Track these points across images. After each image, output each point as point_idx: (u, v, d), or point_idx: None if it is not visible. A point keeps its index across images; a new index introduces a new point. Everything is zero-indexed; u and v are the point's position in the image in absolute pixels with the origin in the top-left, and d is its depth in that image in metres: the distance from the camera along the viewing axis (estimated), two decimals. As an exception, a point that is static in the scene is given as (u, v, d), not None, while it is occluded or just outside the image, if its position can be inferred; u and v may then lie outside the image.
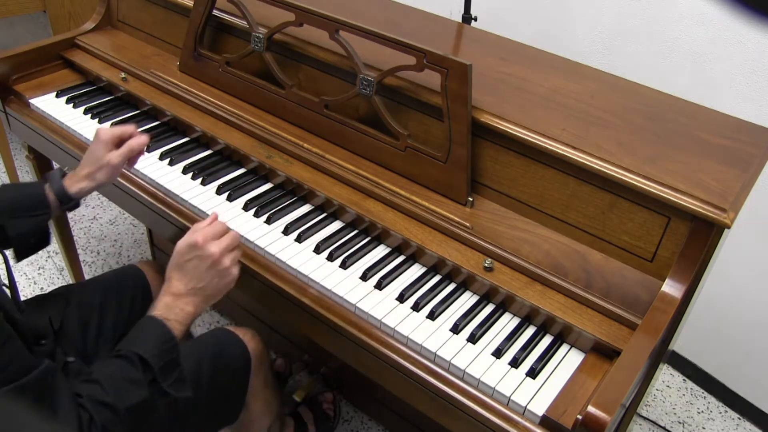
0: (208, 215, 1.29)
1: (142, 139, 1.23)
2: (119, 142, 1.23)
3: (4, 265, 1.14)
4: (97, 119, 1.56)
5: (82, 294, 1.32)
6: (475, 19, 1.85)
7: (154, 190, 1.38)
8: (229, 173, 1.42)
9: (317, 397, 1.82)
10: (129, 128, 1.24)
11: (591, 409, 0.85)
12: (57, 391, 0.86)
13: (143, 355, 0.94)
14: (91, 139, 1.48)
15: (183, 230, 1.32)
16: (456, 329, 1.08)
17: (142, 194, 1.38)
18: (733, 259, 1.81)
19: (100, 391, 0.91)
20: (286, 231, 1.25)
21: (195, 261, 1.03)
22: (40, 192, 1.17)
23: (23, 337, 0.99)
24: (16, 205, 1.13)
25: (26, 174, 2.70)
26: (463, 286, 1.18)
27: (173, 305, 1.01)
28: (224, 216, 1.28)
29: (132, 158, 1.26)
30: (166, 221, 1.35)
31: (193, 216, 1.32)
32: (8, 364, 0.81)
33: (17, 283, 1.22)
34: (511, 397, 0.98)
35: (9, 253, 1.18)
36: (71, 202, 1.20)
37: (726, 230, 1.00)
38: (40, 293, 2.18)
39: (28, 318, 1.21)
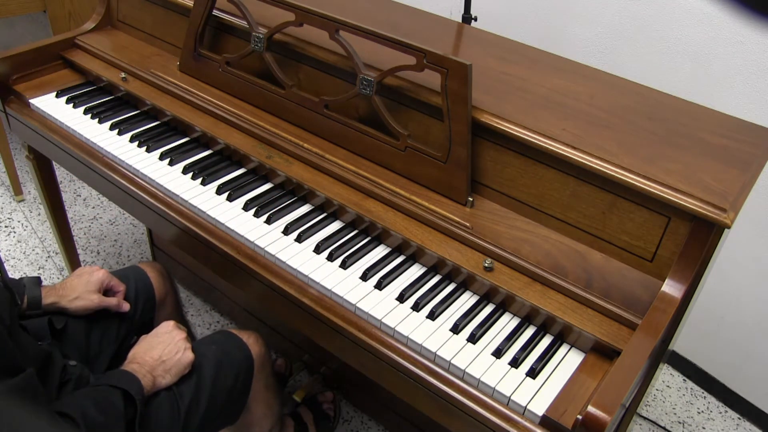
0: (208, 215, 1.29)
1: (123, 308, 1.34)
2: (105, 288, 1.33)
3: None
4: (97, 119, 1.56)
5: None
6: (475, 19, 1.85)
7: (154, 190, 1.38)
8: (229, 173, 1.42)
9: (317, 397, 1.81)
10: (120, 287, 1.35)
11: (591, 409, 0.85)
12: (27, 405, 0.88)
13: (130, 392, 1.04)
14: (91, 139, 1.48)
15: (183, 230, 1.32)
16: (456, 329, 1.08)
17: (142, 194, 1.38)
18: (733, 259, 1.81)
19: (91, 411, 0.96)
20: (286, 231, 1.25)
21: (164, 338, 1.19)
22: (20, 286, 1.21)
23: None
24: None
25: (26, 174, 2.70)
26: (463, 286, 1.18)
27: (139, 371, 1.11)
28: (224, 216, 1.28)
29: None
30: (166, 221, 1.35)
31: (193, 216, 1.32)
32: None
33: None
34: (511, 397, 0.98)
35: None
36: (38, 310, 1.23)
37: (726, 230, 1.00)
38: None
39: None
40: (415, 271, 1.20)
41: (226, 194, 1.34)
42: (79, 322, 1.27)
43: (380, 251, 1.24)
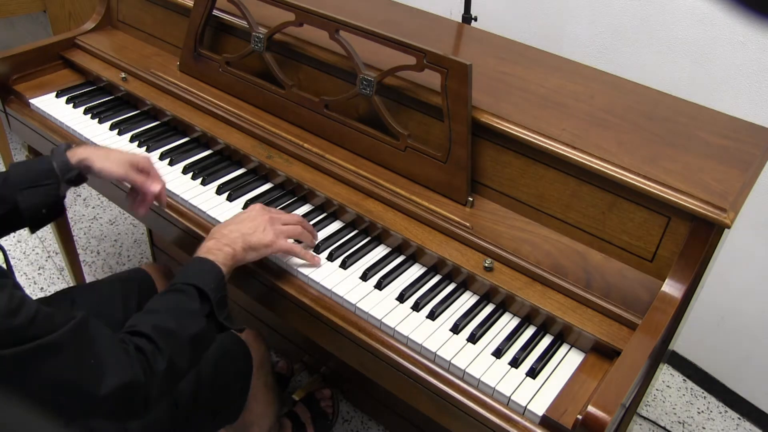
0: (208, 215, 1.29)
1: (152, 189, 1.21)
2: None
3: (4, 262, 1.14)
4: (97, 119, 1.56)
5: (88, 297, 1.32)
6: (475, 19, 1.85)
7: (154, 190, 1.38)
8: (229, 173, 1.41)
9: (314, 395, 1.81)
10: (156, 183, 1.23)
11: (591, 409, 0.85)
12: (98, 342, 0.85)
13: (202, 287, 0.98)
14: (91, 139, 1.48)
15: (183, 230, 1.32)
16: (456, 329, 1.08)
17: (142, 194, 1.38)
18: (733, 259, 1.81)
19: (162, 319, 0.93)
20: (286, 231, 1.25)
21: (251, 213, 1.14)
22: (47, 162, 1.17)
23: None
24: (24, 177, 1.15)
25: (26, 174, 2.69)
26: (463, 286, 1.18)
27: (215, 248, 1.06)
28: (224, 216, 1.28)
29: (137, 197, 1.24)
30: (166, 221, 1.35)
31: (194, 216, 1.32)
32: (29, 325, 0.79)
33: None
34: (511, 397, 0.98)
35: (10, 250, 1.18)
36: (72, 171, 1.17)
37: (726, 230, 1.00)
38: (40, 293, 2.18)
39: None
40: (415, 271, 1.20)
41: (226, 194, 1.34)
42: None
43: (380, 251, 1.24)
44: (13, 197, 1.13)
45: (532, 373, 1.02)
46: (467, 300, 1.15)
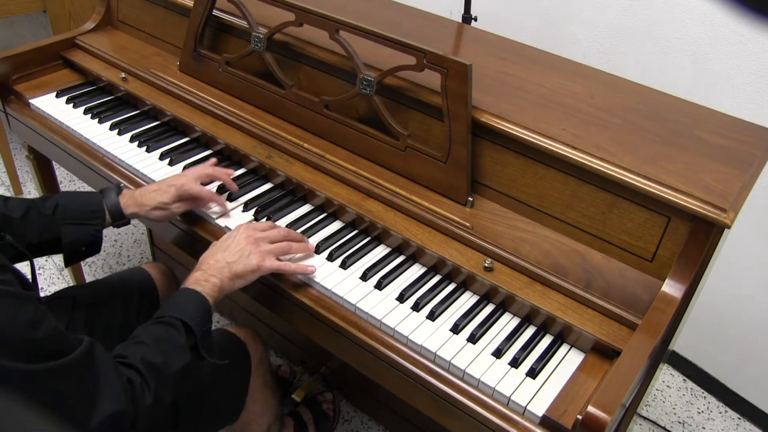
0: (208, 215, 1.29)
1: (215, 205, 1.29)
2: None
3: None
4: (97, 119, 1.56)
5: (89, 296, 1.32)
6: (475, 19, 1.85)
7: (154, 190, 1.38)
8: (229, 173, 1.41)
9: (317, 397, 1.82)
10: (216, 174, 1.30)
11: (591, 409, 0.85)
12: (100, 368, 0.87)
13: (187, 321, 0.99)
14: (91, 139, 1.48)
15: (182, 230, 1.32)
16: (456, 329, 1.08)
17: (142, 194, 1.38)
18: (733, 259, 1.81)
19: (150, 353, 0.94)
20: (286, 231, 1.25)
21: (235, 238, 1.13)
22: (98, 202, 1.20)
23: None
24: (72, 212, 1.17)
25: (26, 174, 2.70)
26: (463, 286, 1.18)
27: (202, 279, 1.06)
28: (224, 216, 1.28)
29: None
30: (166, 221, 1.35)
31: (193, 215, 1.32)
32: (47, 341, 0.81)
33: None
34: (511, 397, 0.98)
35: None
36: (122, 220, 1.23)
37: (726, 230, 1.00)
38: (40, 293, 2.18)
39: None
40: (415, 271, 1.20)
41: (226, 194, 1.34)
42: (81, 323, 1.26)
43: (380, 251, 1.24)
44: (58, 228, 1.14)
45: (532, 373, 1.02)
46: (467, 300, 1.15)
